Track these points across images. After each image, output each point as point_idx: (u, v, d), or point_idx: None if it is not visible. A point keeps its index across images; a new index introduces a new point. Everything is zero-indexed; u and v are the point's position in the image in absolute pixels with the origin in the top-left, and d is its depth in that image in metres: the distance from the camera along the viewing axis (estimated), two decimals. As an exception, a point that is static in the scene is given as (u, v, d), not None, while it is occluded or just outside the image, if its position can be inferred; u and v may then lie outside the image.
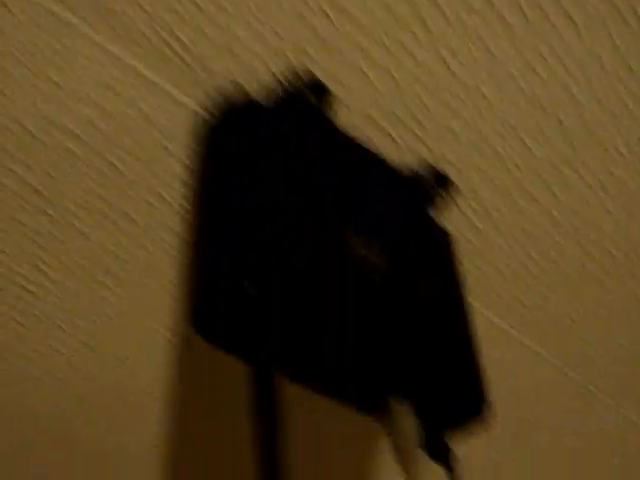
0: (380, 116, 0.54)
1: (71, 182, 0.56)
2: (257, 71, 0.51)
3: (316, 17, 0.48)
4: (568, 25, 0.50)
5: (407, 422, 0.47)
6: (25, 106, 0.50)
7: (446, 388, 0.52)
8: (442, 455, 0.51)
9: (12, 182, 0.55)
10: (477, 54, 0.51)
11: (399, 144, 0.57)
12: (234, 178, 0.48)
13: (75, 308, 0.66)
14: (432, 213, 0.61)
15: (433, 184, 0.59)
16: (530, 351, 0.77)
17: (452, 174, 0.59)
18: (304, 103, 0.51)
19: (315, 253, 0.47)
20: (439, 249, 0.61)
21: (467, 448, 0.88)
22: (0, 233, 0.58)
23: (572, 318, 0.74)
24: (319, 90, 0.51)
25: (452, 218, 0.63)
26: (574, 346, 0.77)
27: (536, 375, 0.80)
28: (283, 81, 0.51)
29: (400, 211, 0.58)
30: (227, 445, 0.83)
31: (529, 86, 0.53)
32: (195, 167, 0.54)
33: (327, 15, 0.48)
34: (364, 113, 0.54)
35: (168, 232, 0.60)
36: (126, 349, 0.70)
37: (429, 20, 0.49)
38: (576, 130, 0.57)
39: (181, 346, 0.70)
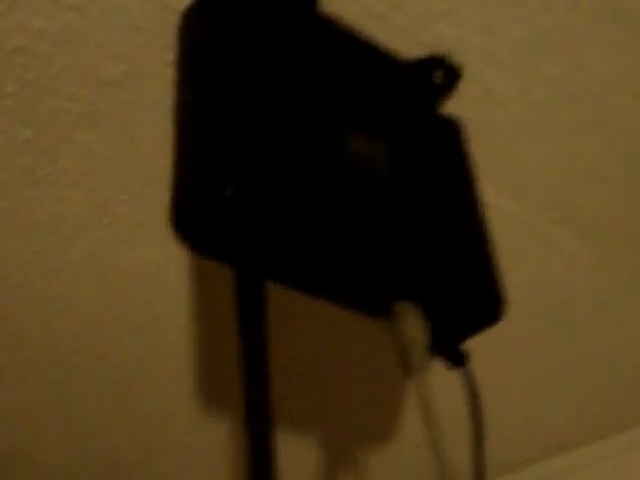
0: (375, 1, 0.50)
1: (53, 88, 0.53)
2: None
3: None
4: None
5: (415, 326, 0.45)
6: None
7: (459, 289, 0.49)
8: (457, 359, 0.49)
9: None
10: None
11: (398, 30, 0.52)
12: (217, 64, 0.44)
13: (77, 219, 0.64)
14: (437, 101, 0.57)
15: (437, 71, 0.54)
16: (553, 236, 0.74)
17: (457, 59, 0.55)
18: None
19: (311, 151, 0.44)
20: (446, 138, 0.57)
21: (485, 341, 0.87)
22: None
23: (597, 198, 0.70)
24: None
25: (458, 104, 0.59)
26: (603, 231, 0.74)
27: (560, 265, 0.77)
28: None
29: (402, 102, 0.54)
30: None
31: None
32: (176, 53, 0.50)
33: None
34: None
35: (162, 134, 0.58)
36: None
37: None
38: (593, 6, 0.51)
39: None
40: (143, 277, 0.73)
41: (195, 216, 0.38)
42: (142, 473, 1.13)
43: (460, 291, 0.48)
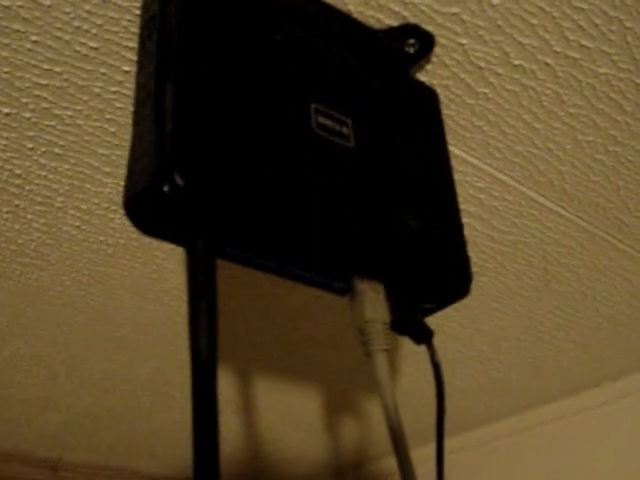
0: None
1: (28, 64, 0.51)
2: None
3: None
4: None
5: (375, 303, 0.43)
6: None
7: (424, 264, 0.47)
8: (421, 336, 0.47)
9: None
10: None
11: (369, 2, 0.49)
12: (176, 40, 0.42)
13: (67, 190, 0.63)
14: (410, 69, 0.54)
15: (410, 40, 0.52)
16: (533, 201, 0.72)
17: (432, 28, 0.52)
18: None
19: (271, 129, 0.42)
20: (419, 106, 0.54)
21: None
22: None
23: (575, 166, 0.67)
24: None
25: (438, 74, 0.56)
26: (582, 196, 0.71)
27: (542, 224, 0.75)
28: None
29: (375, 74, 0.52)
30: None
31: None
32: (139, 31, 0.48)
33: None
34: (321, -34, 0.47)
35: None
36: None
37: None
38: (564, -34, 0.48)
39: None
40: (132, 244, 0.72)
41: (148, 205, 0.37)
42: (150, 420, 1.15)
43: (425, 265, 0.47)
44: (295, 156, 0.42)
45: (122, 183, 0.64)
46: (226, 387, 1.08)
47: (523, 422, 1.22)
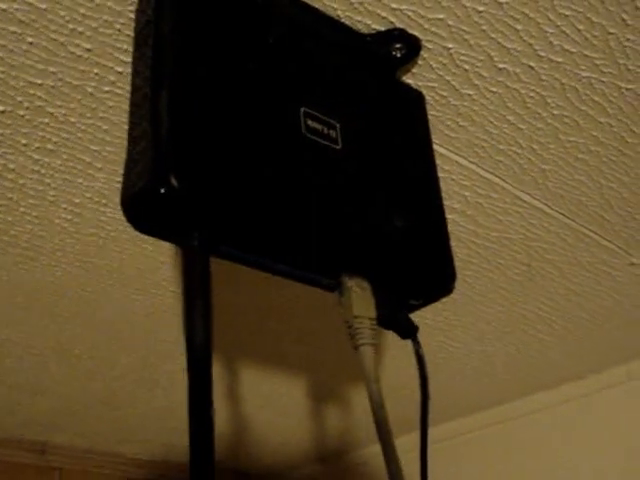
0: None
1: (24, 64, 0.53)
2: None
3: None
4: None
5: (362, 299, 0.46)
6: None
7: (409, 262, 0.50)
8: (406, 331, 0.50)
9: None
10: None
11: (356, 6, 0.51)
12: (167, 44, 0.44)
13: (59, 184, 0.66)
14: (397, 72, 0.57)
15: (396, 44, 0.54)
16: (517, 198, 0.74)
17: (419, 33, 0.54)
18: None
19: (262, 133, 0.44)
20: (405, 107, 0.57)
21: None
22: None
23: (558, 165, 0.70)
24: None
25: (425, 76, 0.58)
26: (565, 193, 0.74)
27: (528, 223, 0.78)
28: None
29: (363, 75, 0.54)
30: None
31: None
32: (133, 35, 0.50)
33: None
34: (312, -26, 0.49)
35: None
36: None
37: None
38: (547, -23, 0.51)
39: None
40: (122, 236, 0.74)
41: (145, 206, 0.40)
42: (137, 407, 1.18)
43: (410, 264, 0.49)
44: (285, 158, 0.45)
45: (113, 178, 0.66)
46: (212, 374, 1.11)
47: (506, 413, 1.26)
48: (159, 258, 0.78)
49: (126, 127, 0.59)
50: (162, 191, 0.39)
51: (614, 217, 0.79)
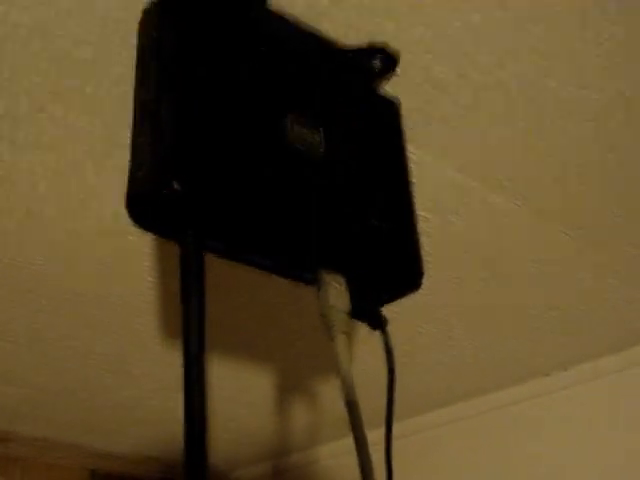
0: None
1: (28, 67, 0.61)
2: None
3: None
4: None
5: (337, 293, 0.55)
6: (-28, 0, 0.55)
7: (382, 259, 0.58)
8: (377, 322, 0.59)
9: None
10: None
11: (340, 24, 0.60)
12: (169, 60, 0.52)
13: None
14: (376, 84, 0.65)
15: (376, 58, 0.63)
16: (486, 199, 0.84)
17: (397, 47, 0.63)
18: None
19: (255, 139, 0.53)
20: (382, 115, 0.66)
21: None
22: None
23: (525, 167, 0.80)
24: (252, -24, 0.55)
25: (401, 85, 0.67)
26: (531, 194, 0.84)
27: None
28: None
29: (343, 86, 0.63)
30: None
31: (463, -37, 0.56)
32: (137, 47, 0.58)
33: None
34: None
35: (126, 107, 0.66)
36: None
37: None
38: (514, 3, 0.60)
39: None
40: (109, 228, 0.82)
41: (148, 205, 0.48)
42: (107, 397, 1.26)
43: (382, 261, 0.58)
44: (272, 163, 0.53)
45: (103, 173, 0.74)
46: (179, 368, 1.19)
47: (473, 408, 1.36)
48: (141, 249, 0.86)
49: (119, 127, 0.68)
50: (165, 193, 0.47)
51: (579, 217, 0.89)
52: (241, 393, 1.30)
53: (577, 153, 0.78)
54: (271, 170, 0.53)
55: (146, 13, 0.56)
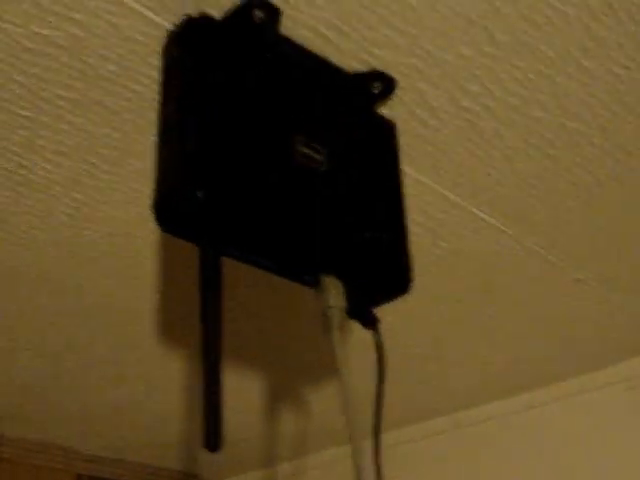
0: (325, 27, 0.66)
1: (54, 79, 0.68)
2: (211, -11, 0.62)
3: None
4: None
5: (336, 295, 0.62)
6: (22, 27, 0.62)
7: (375, 265, 0.66)
8: (369, 322, 0.67)
9: (8, 83, 0.68)
10: (406, -23, 0.61)
11: (344, 51, 0.68)
12: (191, 82, 0.60)
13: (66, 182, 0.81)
14: (378, 107, 0.73)
15: (375, 83, 0.71)
16: (474, 216, 0.92)
17: (395, 74, 0.71)
18: (248, 17, 0.62)
19: (267, 155, 0.60)
20: (380, 135, 0.73)
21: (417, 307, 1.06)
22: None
23: (511, 188, 0.88)
24: (266, 7, 0.62)
25: (397, 109, 0.75)
26: (516, 213, 0.92)
27: (484, 241, 0.95)
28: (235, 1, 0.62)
29: (347, 108, 0.70)
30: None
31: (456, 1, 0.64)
32: (161, 68, 0.66)
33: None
34: (309, 25, 0.65)
35: (143, 118, 0.74)
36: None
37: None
38: (502, 39, 0.68)
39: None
40: (116, 231, 0.89)
41: (174, 211, 0.56)
42: (98, 399, 1.33)
43: (376, 267, 0.66)
44: (282, 177, 0.61)
45: (115, 180, 0.81)
46: (173, 367, 1.26)
47: (459, 420, 1.43)
48: (145, 253, 0.94)
49: (133, 138, 0.75)
50: (189, 201, 0.55)
51: (561, 236, 0.97)
52: (230, 400, 1.37)
53: (558, 176, 0.86)
54: (281, 184, 0.61)
55: (170, 36, 0.63)
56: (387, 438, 0.74)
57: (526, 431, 1.36)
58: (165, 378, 1.28)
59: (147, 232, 0.90)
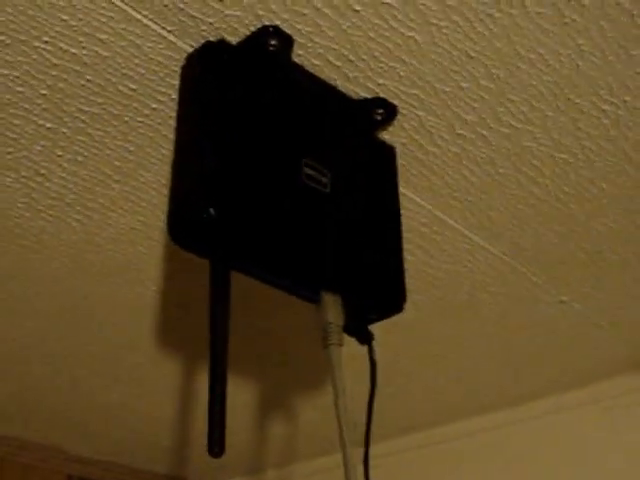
0: (333, 57, 0.70)
1: (78, 94, 0.73)
2: (231, 22, 0.66)
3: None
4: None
5: (335, 311, 0.67)
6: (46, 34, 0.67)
7: (372, 285, 0.71)
8: (364, 338, 0.72)
9: (34, 97, 0.72)
10: (413, 15, 0.66)
11: (350, 79, 0.73)
12: (209, 103, 0.65)
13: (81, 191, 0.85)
14: (379, 132, 0.78)
15: (378, 109, 0.75)
16: (465, 237, 0.97)
17: (397, 102, 0.76)
18: (263, 45, 0.67)
19: (274, 178, 0.65)
20: (380, 159, 0.78)
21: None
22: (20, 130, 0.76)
23: (501, 212, 0.93)
24: (280, 36, 0.67)
25: (397, 134, 0.80)
26: (506, 236, 0.96)
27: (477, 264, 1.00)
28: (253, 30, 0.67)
29: (351, 132, 0.75)
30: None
31: (455, 35, 0.69)
32: (179, 88, 0.71)
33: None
34: (319, 54, 0.70)
35: (157, 133, 0.78)
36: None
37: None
38: (498, 74, 0.73)
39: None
40: (122, 238, 0.94)
41: (187, 226, 0.60)
42: (90, 399, 1.36)
43: (374, 286, 0.71)
44: (289, 199, 0.65)
45: (125, 190, 0.85)
46: (167, 371, 1.30)
47: (443, 434, 1.48)
48: (148, 260, 0.98)
49: (146, 152, 0.79)
50: (203, 217, 0.59)
51: (548, 259, 1.02)
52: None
53: (545, 203, 0.91)
54: (288, 204, 0.66)
55: (189, 59, 0.68)
56: (379, 448, 0.78)
57: (501, 448, 1.41)
58: (159, 382, 1.31)
59: (150, 240, 0.95)
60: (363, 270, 0.70)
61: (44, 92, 0.72)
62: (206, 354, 1.24)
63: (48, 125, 0.76)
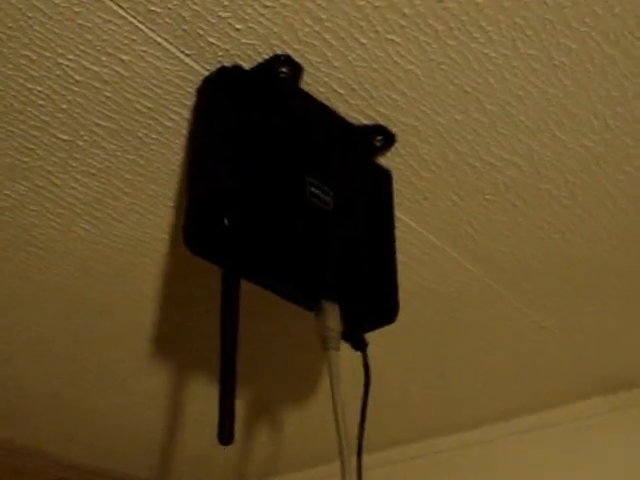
0: (338, 85, 0.75)
1: (95, 110, 0.77)
2: (246, 50, 0.71)
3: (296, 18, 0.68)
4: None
5: (333, 318, 0.71)
6: (66, 57, 0.71)
7: (368, 297, 0.76)
8: (359, 345, 0.76)
9: (55, 111, 0.77)
10: (415, 51, 0.71)
11: (352, 107, 0.78)
12: (219, 124, 0.70)
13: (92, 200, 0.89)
14: (377, 157, 0.83)
15: (377, 136, 0.80)
16: (452, 259, 1.01)
17: (395, 130, 0.80)
18: (274, 71, 0.71)
19: (283, 192, 0.69)
20: (378, 184, 0.83)
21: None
22: (36, 140, 0.80)
23: (486, 236, 0.97)
24: (290, 64, 0.72)
25: (394, 160, 0.84)
26: (490, 260, 1.01)
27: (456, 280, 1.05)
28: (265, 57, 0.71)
29: (349, 156, 0.80)
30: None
31: (452, 72, 0.74)
32: (193, 108, 0.75)
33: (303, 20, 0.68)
34: (325, 82, 0.75)
35: (168, 150, 0.82)
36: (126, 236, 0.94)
37: (376, 20, 0.68)
38: (490, 108, 0.78)
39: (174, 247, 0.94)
40: (127, 249, 0.97)
41: (202, 234, 0.64)
42: (85, 407, 1.39)
43: (368, 298, 0.75)
44: (295, 214, 0.70)
45: (135, 202, 0.89)
46: (160, 380, 1.33)
47: (428, 447, 1.51)
48: (150, 270, 1.01)
49: (158, 165, 0.83)
50: (217, 226, 0.63)
51: (529, 285, 1.06)
52: (204, 415, 1.44)
53: (529, 230, 0.96)
54: (293, 220, 0.70)
55: (205, 82, 0.72)
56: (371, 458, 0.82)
57: (484, 463, 1.45)
58: (151, 390, 1.34)
59: (154, 252, 0.98)
60: (360, 282, 0.75)
61: (64, 106, 0.77)
62: (192, 365, 1.29)
63: (65, 137, 0.80)
